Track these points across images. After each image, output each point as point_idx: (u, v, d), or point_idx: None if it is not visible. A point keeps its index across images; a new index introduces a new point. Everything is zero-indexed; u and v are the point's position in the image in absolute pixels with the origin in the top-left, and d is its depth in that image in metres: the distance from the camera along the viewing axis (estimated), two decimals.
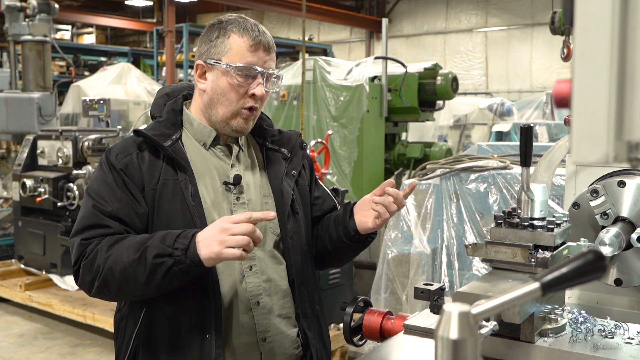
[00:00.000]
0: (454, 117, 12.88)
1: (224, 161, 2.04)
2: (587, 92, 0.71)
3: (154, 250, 1.77)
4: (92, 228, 1.89)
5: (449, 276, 4.29)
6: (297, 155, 2.16)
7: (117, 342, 2.04)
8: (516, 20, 19.02)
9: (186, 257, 1.75)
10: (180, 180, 1.92)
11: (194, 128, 2.03)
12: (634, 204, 1.85)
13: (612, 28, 0.70)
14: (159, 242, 1.79)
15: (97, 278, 1.83)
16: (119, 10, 23.14)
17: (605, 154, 0.71)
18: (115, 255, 1.81)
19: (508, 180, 4.15)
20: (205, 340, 1.89)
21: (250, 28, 1.95)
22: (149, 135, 1.95)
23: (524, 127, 1.61)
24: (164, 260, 1.76)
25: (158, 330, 1.93)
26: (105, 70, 13.34)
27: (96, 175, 1.99)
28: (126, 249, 1.80)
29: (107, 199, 1.90)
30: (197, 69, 2.02)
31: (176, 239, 1.78)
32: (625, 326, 1.59)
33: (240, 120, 1.97)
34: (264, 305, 2.00)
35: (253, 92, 1.94)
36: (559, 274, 0.80)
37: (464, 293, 1.48)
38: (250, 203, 2.03)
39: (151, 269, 1.77)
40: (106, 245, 1.84)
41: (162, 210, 1.91)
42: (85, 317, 5.85)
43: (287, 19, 22.29)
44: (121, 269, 1.79)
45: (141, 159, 1.94)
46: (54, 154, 6.60)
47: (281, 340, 2.03)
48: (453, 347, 0.72)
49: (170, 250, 1.76)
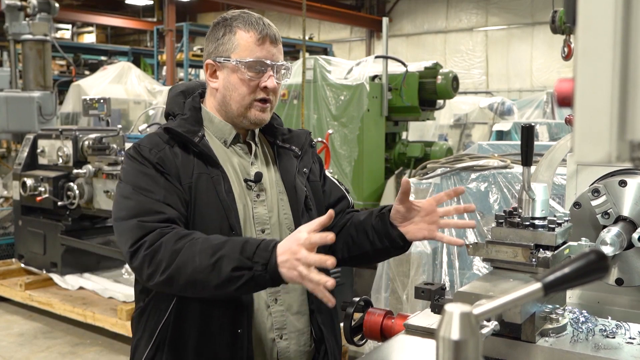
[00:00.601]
0: (454, 117, 12.87)
1: (244, 158, 2.06)
2: (590, 90, 0.71)
3: (232, 262, 1.68)
4: (148, 214, 1.81)
5: (449, 276, 4.28)
6: (308, 154, 2.18)
7: (135, 335, 2.01)
8: (516, 20, 19.02)
9: (266, 272, 1.66)
10: (212, 175, 1.93)
11: (214, 126, 2.04)
12: (635, 203, 1.84)
13: (614, 26, 0.70)
14: (238, 253, 1.69)
15: (160, 273, 1.74)
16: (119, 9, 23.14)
17: (607, 154, 0.70)
18: (185, 256, 1.71)
19: (509, 179, 4.14)
20: (237, 335, 1.89)
21: (255, 22, 1.96)
22: (180, 132, 1.95)
23: (525, 126, 1.60)
24: (243, 274, 1.67)
25: (188, 324, 1.91)
26: (106, 69, 13.35)
27: (130, 170, 1.92)
28: (199, 252, 1.71)
29: (152, 188, 1.86)
30: (207, 69, 2.03)
31: (256, 250, 1.68)
32: (627, 326, 1.59)
33: (256, 112, 1.98)
34: (282, 303, 2.01)
35: (265, 84, 1.95)
36: (561, 274, 0.80)
37: (465, 293, 1.47)
38: (267, 200, 2.04)
39: (226, 280, 1.69)
40: (172, 239, 1.75)
41: (198, 204, 1.91)
42: (86, 317, 5.85)
43: (287, 18, 22.29)
44: (191, 272, 1.70)
45: (174, 154, 1.94)
46: (54, 153, 6.59)
47: (297, 338, 2.03)
48: (454, 348, 0.71)
49: (249, 264, 1.67)
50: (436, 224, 1.97)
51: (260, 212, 2.01)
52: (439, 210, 1.97)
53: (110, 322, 5.63)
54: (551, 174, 2.17)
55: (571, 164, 2.09)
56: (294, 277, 1.63)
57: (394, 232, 2.00)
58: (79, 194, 6.13)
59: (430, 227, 1.98)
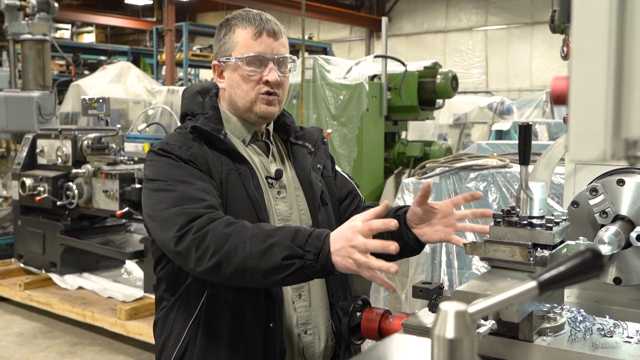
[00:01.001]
0: (453, 116, 12.88)
1: (263, 156, 2.08)
2: (585, 89, 0.71)
3: (283, 250, 1.65)
4: (190, 202, 1.78)
5: (448, 275, 4.28)
6: (320, 150, 2.20)
7: (161, 336, 1.99)
8: (516, 19, 19.03)
9: (317, 261, 1.63)
10: (240, 172, 1.94)
11: (232, 125, 2.06)
12: (633, 202, 1.84)
13: (609, 25, 0.70)
14: (289, 241, 1.66)
15: (208, 259, 1.70)
16: (119, 9, 23.14)
17: (602, 152, 0.70)
18: (235, 242, 1.68)
19: (507, 178, 4.14)
20: (269, 329, 1.89)
21: (252, 18, 1.98)
22: (208, 130, 1.96)
23: (522, 125, 1.60)
24: (294, 262, 1.64)
25: (219, 320, 1.90)
26: (105, 69, 13.35)
27: (160, 165, 1.89)
28: (250, 238, 1.68)
29: (189, 180, 1.83)
30: (214, 70, 2.06)
31: (307, 239, 1.65)
32: (625, 325, 1.58)
33: (262, 105, 1.98)
34: (305, 298, 2.02)
35: (266, 78, 1.96)
36: (556, 273, 0.80)
37: (463, 292, 1.47)
38: (287, 197, 2.06)
39: (276, 268, 1.65)
40: (222, 224, 1.72)
41: (230, 199, 1.91)
42: (85, 316, 5.85)
43: (287, 18, 22.27)
44: (241, 259, 1.67)
45: (204, 151, 1.94)
46: (53, 153, 6.59)
47: (320, 332, 2.05)
48: (449, 346, 0.71)
49: (302, 252, 1.64)
50: (453, 227, 1.95)
51: (282, 208, 2.03)
52: (456, 213, 1.95)
53: (110, 321, 5.63)
54: (549, 173, 2.17)
55: (569, 162, 2.09)
56: (348, 265, 1.60)
57: (410, 235, 1.98)
58: (78, 194, 6.13)
59: (447, 229, 1.95)
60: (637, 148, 0.72)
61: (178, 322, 1.95)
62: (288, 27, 22.10)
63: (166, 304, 2.01)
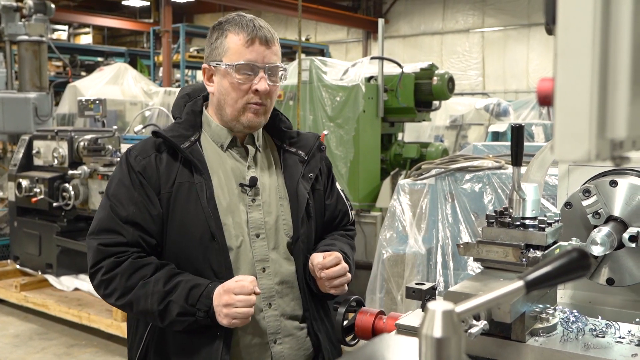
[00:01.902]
0: (450, 118, 12.89)
1: (240, 162, 2.05)
2: (570, 90, 0.71)
3: (177, 308, 1.86)
4: (108, 232, 1.93)
5: (444, 276, 4.29)
6: (315, 158, 2.15)
7: (129, 338, 2.07)
8: (513, 21, 19.06)
9: (207, 317, 1.86)
10: (196, 182, 1.93)
11: (211, 129, 2.04)
12: (625, 203, 1.85)
13: (593, 26, 0.70)
14: (183, 300, 1.86)
15: (115, 300, 1.93)
16: (116, 10, 23.14)
17: (587, 152, 0.71)
18: (137, 295, 1.88)
19: (503, 180, 4.15)
20: (215, 340, 1.90)
21: (245, 24, 1.94)
22: (167, 136, 1.96)
23: (514, 126, 1.61)
24: (187, 319, 1.87)
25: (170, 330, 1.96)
26: (102, 70, 13.34)
27: (114, 175, 2.01)
28: (151, 295, 1.87)
29: (124, 201, 1.93)
30: (204, 73, 2.04)
31: (199, 298, 1.85)
32: (617, 325, 1.59)
33: (250, 115, 1.97)
34: (276, 307, 2.01)
35: (256, 87, 1.93)
36: (543, 272, 0.80)
37: (455, 292, 1.48)
38: (265, 205, 2.03)
39: (172, 322, 1.88)
40: (127, 272, 1.90)
41: (177, 213, 1.92)
42: (81, 318, 5.85)
43: (284, 19, 22.30)
44: (142, 310, 1.90)
45: (159, 161, 1.95)
46: (49, 154, 6.58)
47: (291, 342, 2.04)
48: (437, 346, 0.72)
49: (193, 310, 1.85)
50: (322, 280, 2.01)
51: (256, 216, 2.01)
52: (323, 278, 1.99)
53: (106, 323, 5.63)
54: (543, 174, 2.18)
55: (562, 164, 2.10)
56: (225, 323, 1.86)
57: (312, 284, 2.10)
58: (74, 195, 6.12)
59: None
60: (622, 148, 0.73)
61: (140, 327, 2.02)
62: (285, 28, 22.15)
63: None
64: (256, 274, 1.97)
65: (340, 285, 2.00)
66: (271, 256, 2.01)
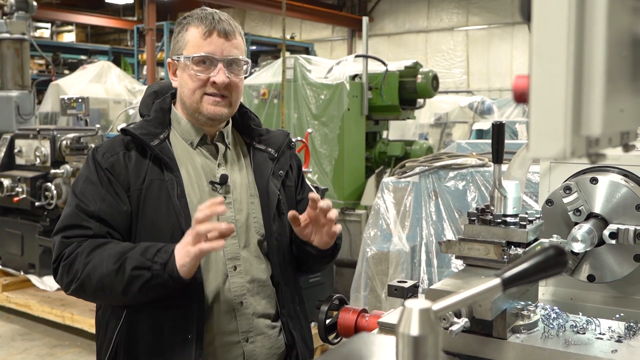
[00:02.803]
0: (435, 116, 12.93)
1: (210, 160, 2.04)
2: (545, 87, 0.71)
3: (132, 262, 1.78)
4: (73, 228, 1.89)
5: (428, 274, 4.30)
6: (285, 155, 2.15)
7: (98, 340, 2.03)
8: (497, 19, 19.13)
9: (164, 271, 1.76)
10: (167, 180, 1.91)
11: (181, 127, 2.03)
12: (606, 200, 1.86)
13: (568, 24, 0.70)
14: (139, 255, 1.79)
15: (75, 281, 1.84)
16: (99, 8, 22.93)
17: (562, 149, 0.71)
18: (94, 263, 1.81)
19: (486, 177, 4.17)
20: (186, 340, 1.88)
21: (204, 17, 1.94)
22: (136, 134, 1.94)
23: (495, 124, 1.61)
24: (142, 273, 1.77)
25: (139, 330, 1.92)
26: (85, 68, 13.27)
27: (82, 173, 1.98)
28: (106, 258, 1.80)
29: (91, 198, 1.90)
30: (169, 68, 2.03)
31: (157, 252, 1.79)
32: (597, 322, 1.60)
33: (208, 106, 1.95)
34: (248, 306, 1.99)
35: (213, 79, 1.93)
36: (520, 270, 0.80)
37: (436, 290, 1.48)
38: (236, 203, 2.02)
39: (128, 281, 1.78)
40: (87, 249, 1.84)
41: (147, 210, 1.90)
42: (64, 318, 5.80)
43: (269, 18, 22.25)
44: (99, 277, 1.80)
45: (128, 159, 1.93)
46: (31, 153, 6.53)
47: (263, 341, 2.02)
48: (414, 343, 0.72)
49: (149, 264, 1.77)
50: (327, 224, 1.98)
51: (226, 214, 1.99)
52: (322, 207, 1.94)
53: (89, 323, 5.59)
54: (524, 172, 2.19)
55: (544, 161, 2.11)
56: (184, 257, 1.74)
57: (307, 247, 2.06)
58: (56, 195, 6.08)
59: (325, 228, 1.99)
60: (598, 146, 0.73)
61: (109, 329, 1.97)
62: (270, 26, 22.10)
63: (100, 309, 2.04)
64: (227, 273, 1.97)
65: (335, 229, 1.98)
66: (242, 254, 2.00)
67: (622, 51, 0.76)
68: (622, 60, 0.76)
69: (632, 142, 0.93)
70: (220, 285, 1.95)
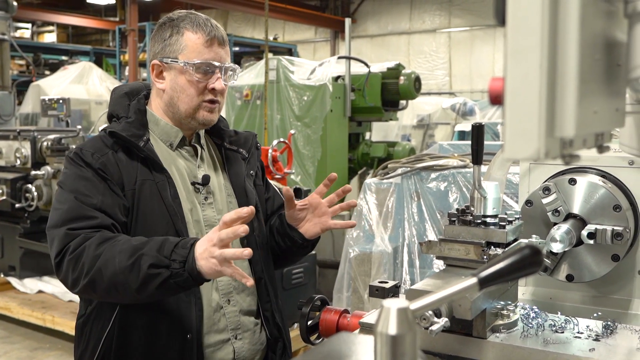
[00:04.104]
0: (417, 117, 12.99)
1: (191, 161, 2.04)
2: (519, 89, 0.73)
3: (149, 260, 1.67)
4: (79, 219, 1.79)
5: (410, 274, 4.32)
6: (254, 156, 2.20)
7: (79, 347, 1.98)
8: (479, 21, 19.25)
9: (184, 270, 1.66)
10: (157, 181, 1.91)
11: (159, 128, 2.02)
12: (584, 201, 1.88)
13: (542, 27, 0.72)
14: (155, 251, 1.69)
15: (83, 277, 1.74)
16: (81, 8, 22.76)
17: (536, 150, 0.72)
18: (106, 257, 1.71)
19: (468, 178, 4.20)
20: (186, 340, 1.88)
21: (203, 24, 1.95)
22: (125, 136, 1.92)
23: (475, 125, 1.63)
24: (160, 271, 1.67)
25: (134, 333, 1.88)
26: (66, 69, 13.17)
27: (69, 173, 1.90)
28: (119, 253, 1.70)
29: (89, 193, 1.83)
30: (153, 70, 2.01)
31: (174, 249, 1.69)
32: (575, 321, 1.62)
33: (204, 113, 1.97)
34: (235, 304, 2.01)
35: (213, 86, 1.95)
36: (496, 269, 0.81)
37: (416, 290, 1.49)
38: (216, 203, 2.03)
39: (145, 279, 1.68)
40: (95, 242, 1.74)
41: (141, 211, 1.89)
42: (45, 321, 5.75)
43: (251, 19, 22.21)
44: (112, 274, 1.70)
45: (118, 159, 1.91)
46: (12, 155, 6.47)
47: (250, 337, 2.05)
48: (392, 342, 0.72)
49: (167, 262, 1.67)
50: (326, 215, 2.06)
51: (209, 214, 2.01)
52: (324, 201, 2.05)
53: (70, 325, 5.54)
54: (504, 172, 2.21)
55: (524, 162, 2.13)
56: (212, 266, 1.64)
57: (293, 233, 2.07)
58: (37, 196, 6.03)
59: (322, 219, 2.06)
60: (572, 147, 0.74)
61: (94, 334, 1.92)
62: (253, 27, 22.07)
63: (84, 313, 1.98)
64: None
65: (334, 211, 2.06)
66: None
67: (596, 54, 0.78)
68: (595, 63, 0.78)
69: (607, 144, 0.95)
70: (210, 283, 1.95)
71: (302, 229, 2.07)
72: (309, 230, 2.07)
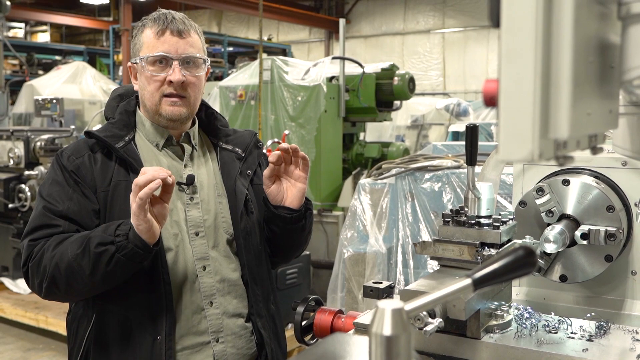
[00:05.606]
0: (411, 118, 12.99)
1: (176, 161, 2.05)
2: (513, 91, 0.73)
3: (95, 240, 1.77)
4: (41, 228, 1.88)
5: (404, 275, 4.33)
6: (253, 155, 2.17)
7: (69, 343, 2.02)
8: (473, 22, 19.30)
9: (128, 241, 1.74)
10: (133, 181, 1.91)
11: (146, 129, 2.03)
12: (578, 201, 1.88)
13: (536, 29, 0.72)
14: (100, 232, 1.79)
15: (45, 278, 1.82)
16: (74, 8, 22.70)
17: (530, 152, 0.72)
18: (60, 252, 1.80)
19: (462, 179, 4.21)
20: (155, 341, 1.88)
21: (158, 17, 1.96)
22: (100, 137, 1.94)
23: (469, 126, 1.63)
24: (107, 248, 1.75)
25: (109, 332, 1.91)
26: (60, 69, 13.12)
27: (48, 177, 1.98)
28: (70, 244, 1.79)
29: (58, 198, 1.89)
30: (130, 72, 2.05)
31: (118, 226, 1.77)
32: (569, 321, 1.63)
33: (167, 107, 1.96)
34: (217, 306, 2.00)
35: (169, 79, 1.93)
36: (490, 270, 0.82)
37: (411, 290, 1.49)
38: (203, 203, 2.03)
39: (95, 259, 1.75)
40: (52, 244, 1.83)
41: (114, 211, 1.90)
42: (38, 321, 5.74)
43: (245, 19, 22.20)
44: (66, 265, 1.78)
45: (93, 161, 1.93)
46: (5, 155, 6.45)
47: (234, 341, 2.03)
48: (386, 343, 0.73)
49: (111, 238, 1.76)
50: (287, 173, 2.06)
51: (194, 214, 2.00)
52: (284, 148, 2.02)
53: (63, 326, 5.49)
54: (498, 173, 2.21)
55: (517, 163, 2.13)
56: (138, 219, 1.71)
57: (279, 211, 2.06)
58: (30, 196, 6.02)
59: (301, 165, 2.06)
60: (566, 148, 0.75)
61: (80, 332, 1.96)
62: (247, 28, 22.04)
63: (69, 312, 2.04)
64: (197, 273, 1.97)
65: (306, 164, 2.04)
66: (211, 254, 2.01)
67: (589, 56, 0.78)
68: (589, 65, 0.78)
69: (600, 145, 0.95)
70: (190, 285, 1.96)
71: (288, 202, 2.06)
72: (287, 195, 2.06)
